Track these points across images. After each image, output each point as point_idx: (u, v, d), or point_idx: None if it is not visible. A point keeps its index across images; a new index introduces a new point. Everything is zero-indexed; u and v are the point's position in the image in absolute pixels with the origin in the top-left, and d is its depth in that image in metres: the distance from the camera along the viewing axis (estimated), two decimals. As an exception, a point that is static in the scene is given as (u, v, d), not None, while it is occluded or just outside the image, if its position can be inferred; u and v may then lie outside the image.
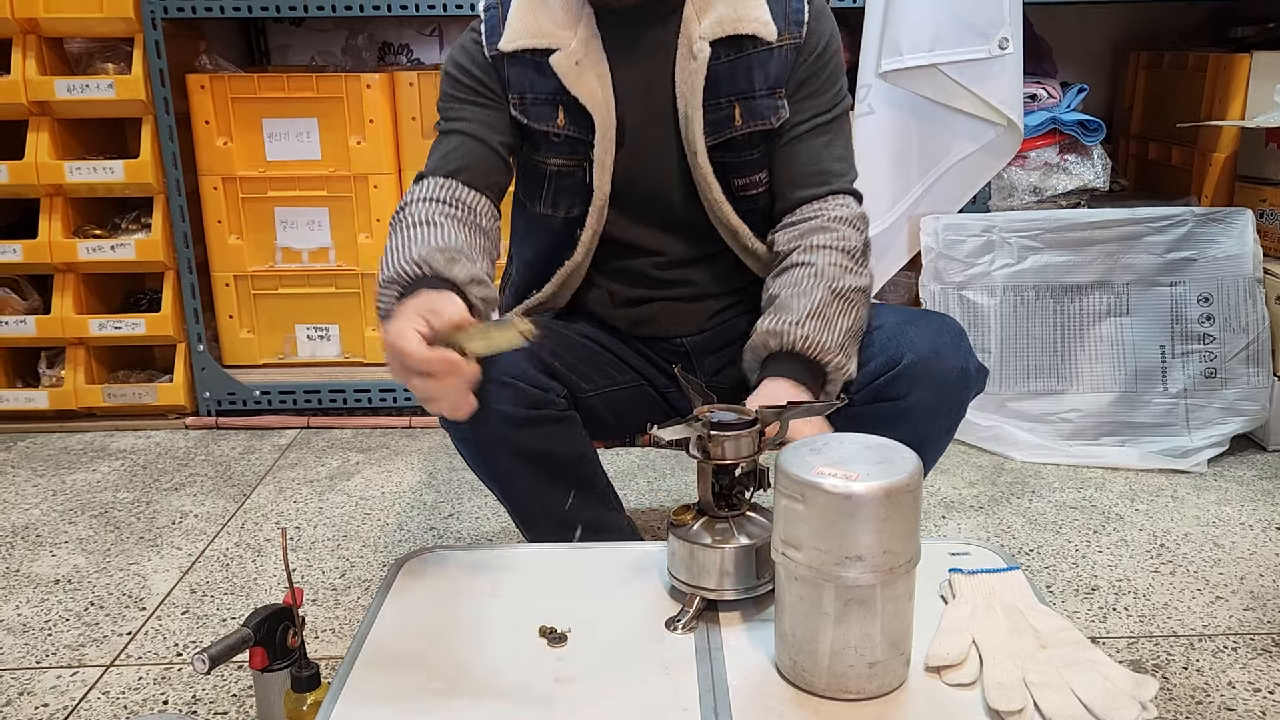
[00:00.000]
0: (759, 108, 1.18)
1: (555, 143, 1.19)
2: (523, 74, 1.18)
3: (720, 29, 1.17)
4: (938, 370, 1.12)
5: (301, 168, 2.17)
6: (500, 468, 1.18)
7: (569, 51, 1.16)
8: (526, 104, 1.18)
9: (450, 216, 1.12)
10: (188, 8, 2.02)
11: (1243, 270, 1.95)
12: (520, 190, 1.27)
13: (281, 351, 2.29)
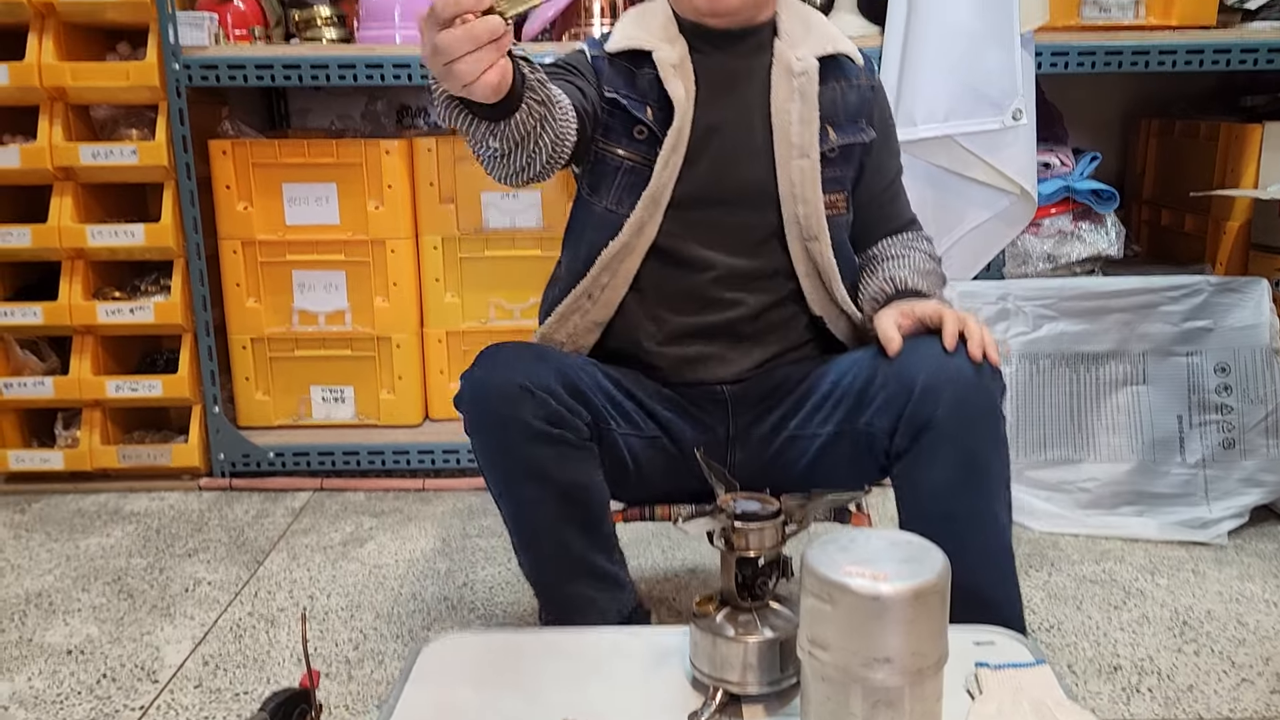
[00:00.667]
0: (848, 128, 1.30)
1: (637, 139, 1.24)
2: (617, 75, 1.26)
3: (820, 48, 1.29)
4: (951, 375, 1.12)
5: (320, 232, 2.19)
6: (512, 478, 1.15)
7: (669, 53, 1.25)
8: (620, 95, 1.25)
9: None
10: (212, 77, 2.05)
11: (1260, 340, 1.95)
12: (585, 186, 1.29)
13: (296, 413, 2.29)
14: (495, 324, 2.27)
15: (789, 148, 1.26)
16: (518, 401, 1.09)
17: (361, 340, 2.24)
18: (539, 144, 1.08)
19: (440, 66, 0.90)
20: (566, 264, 1.32)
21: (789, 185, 1.26)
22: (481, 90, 0.92)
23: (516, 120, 1.02)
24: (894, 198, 1.40)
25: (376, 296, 2.22)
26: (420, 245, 2.23)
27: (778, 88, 1.27)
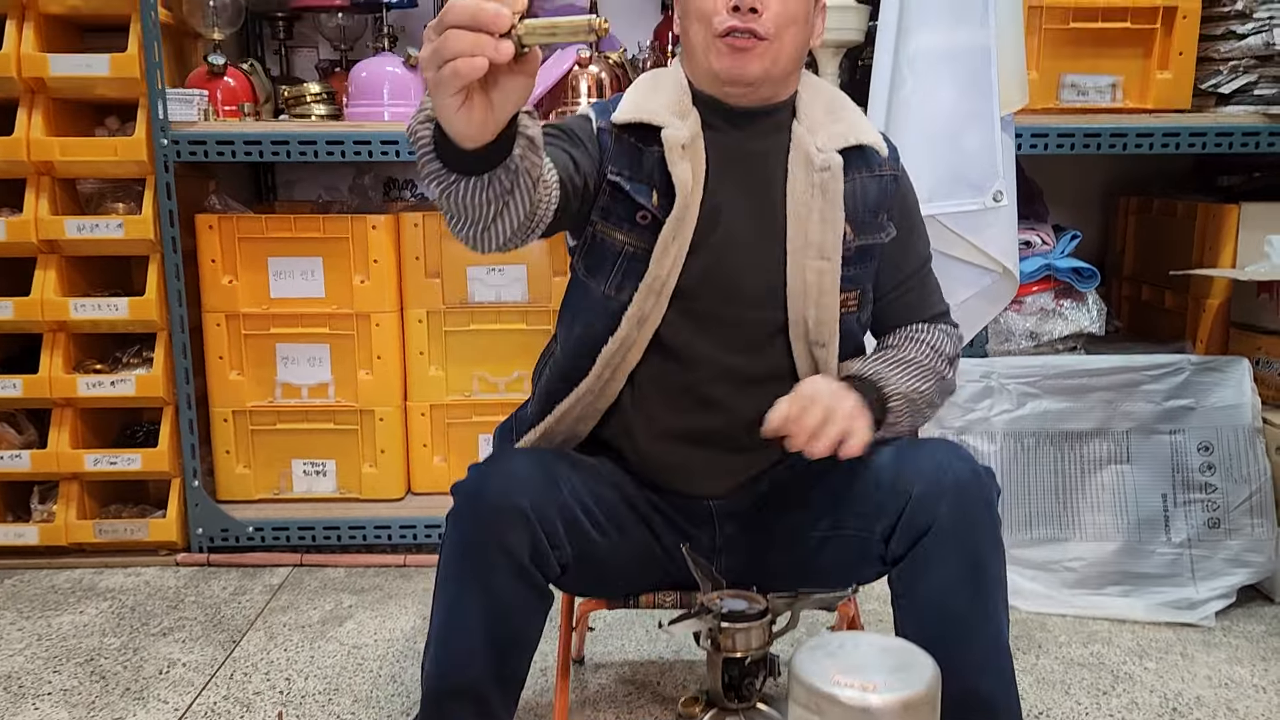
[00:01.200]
0: (866, 225, 1.25)
1: (640, 224, 1.20)
2: (625, 151, 1.21)
3: (842, 140, 1.23)
4: (949, 481, 1.11)
5: (305, 305, 2.19)
6: (467, 586, 1.10)
7: (678, 133, 1.19)
8: (624, 178, 1.20)
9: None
10: (200, 152, 2.06)
11: (1242, 420, 1.96)
12: (583, 266, 1.25)
13: (277, 487, 2.27)
14: (479, 397, 2.26)
15: (806, 246, 1.20)
16: (510, 527, 1.06)
17: (344, 413, 2.23)
18: (510, 211, 1.00)
19: (436, 69, 0.83)
20: (562, 344, 1.28)
21: (801, 285, 1.20)
22: (469, 122, 0.86)
23: (494, 178, 0.95)
24: (916, 289, 1.33)
25: (360, 370, 2.21)
26: (405, 319, 2.23)
27: (796, 178, 1.22)
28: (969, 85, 1.89)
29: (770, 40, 1.17)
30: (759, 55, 1.17)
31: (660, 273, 1.18)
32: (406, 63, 2.13)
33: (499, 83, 0.85)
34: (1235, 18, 2.07)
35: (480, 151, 0.91)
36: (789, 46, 1.20)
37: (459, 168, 0.94)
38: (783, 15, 1.17)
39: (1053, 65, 2.07)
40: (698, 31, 1.20)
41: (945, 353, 1.29)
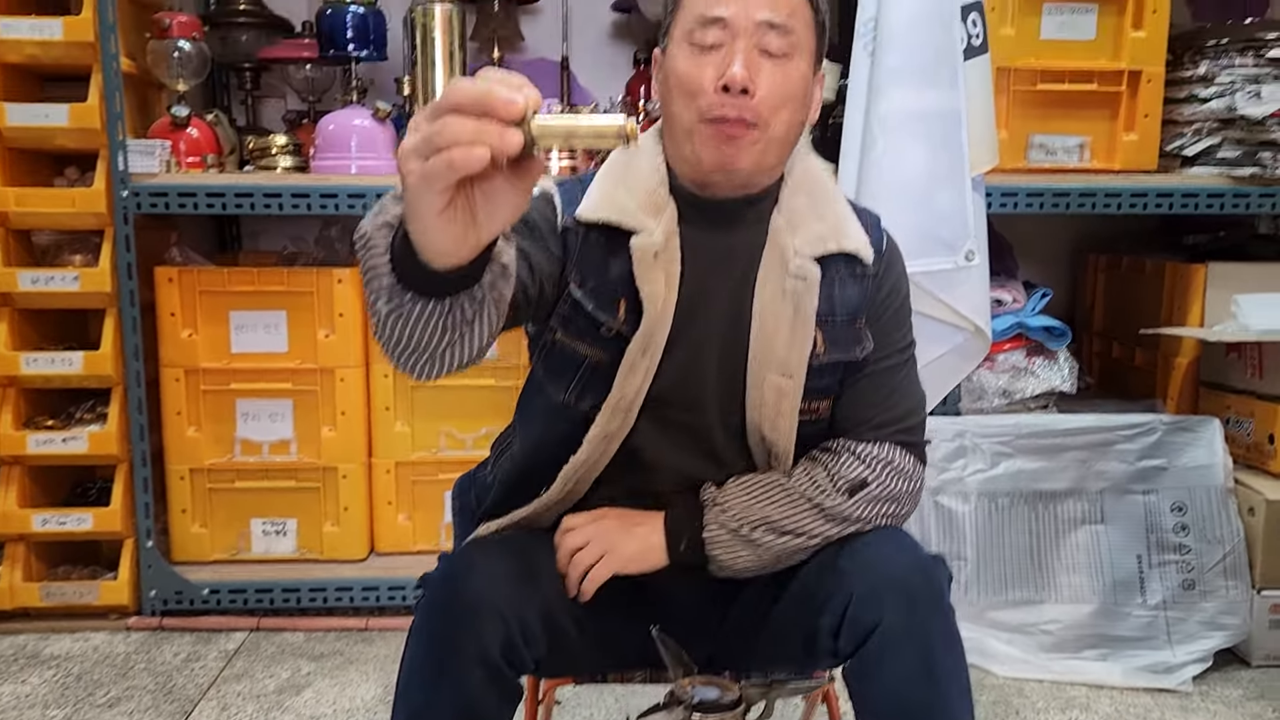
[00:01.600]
0: (841, 337, 1.12)
1: (605, 337, 1.09)
2: (591, 254, 1.09)
3: (821, 245, 1.11)
4: (894, 577, 1.03)
5: (267, 360, 2.13)
6: (431, 685, 1.02)
7: (650, 239, 1.08)
8: (588, 289, 1.09)
9: None
10: (161, 204, 2.02)
11: (1214, 480, 1.95)
12: (542, 371, 1.15)
13: (235, 547, 2.19)
14: (446, 454, 2.21)
15: (769, 360, 1.09)
16: (484, 628, 0.98)
17: (306, 471, 2.17)
18: (465, 343, 0.88)
19: (423, 159, 0.70)
20: (521, 441, 1.21)
21: (759, 399, 1.10)
22: (446, 234, 0.74)
23: (456, 305, 0.83)
24: (868, 381, 1.15)
25: (324, 426, 2.16)
26: (371, 373, 2.18)
27: (766, 281, 1.10)
28: (940, 146, 1.89)
29: (763, 126, 1.05)
30: (750, 144, 1.05)
31: (627, 392, 1.09)
32: (375, 115, 2.10)
33: (491, 190, 0.73)
34: (1198, 82, 2.09)
35: (448, 272, 0.80)
36: (784, 130, 1.08)
37: (418, 286, 0.82)
38: (779, 95, 1.05)
39: (1021, 126, 2.09)
40: (682, 112, 1.07)
41: (838, 475, 1.11)
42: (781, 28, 1.05)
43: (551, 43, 2.51)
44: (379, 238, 0.84)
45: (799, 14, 1.07)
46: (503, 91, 0.68)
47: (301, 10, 2.46)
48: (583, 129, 0.70)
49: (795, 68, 1.07)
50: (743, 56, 1.04)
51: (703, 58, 1.06)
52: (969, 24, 1.89)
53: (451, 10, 2.09)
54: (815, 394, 1.13)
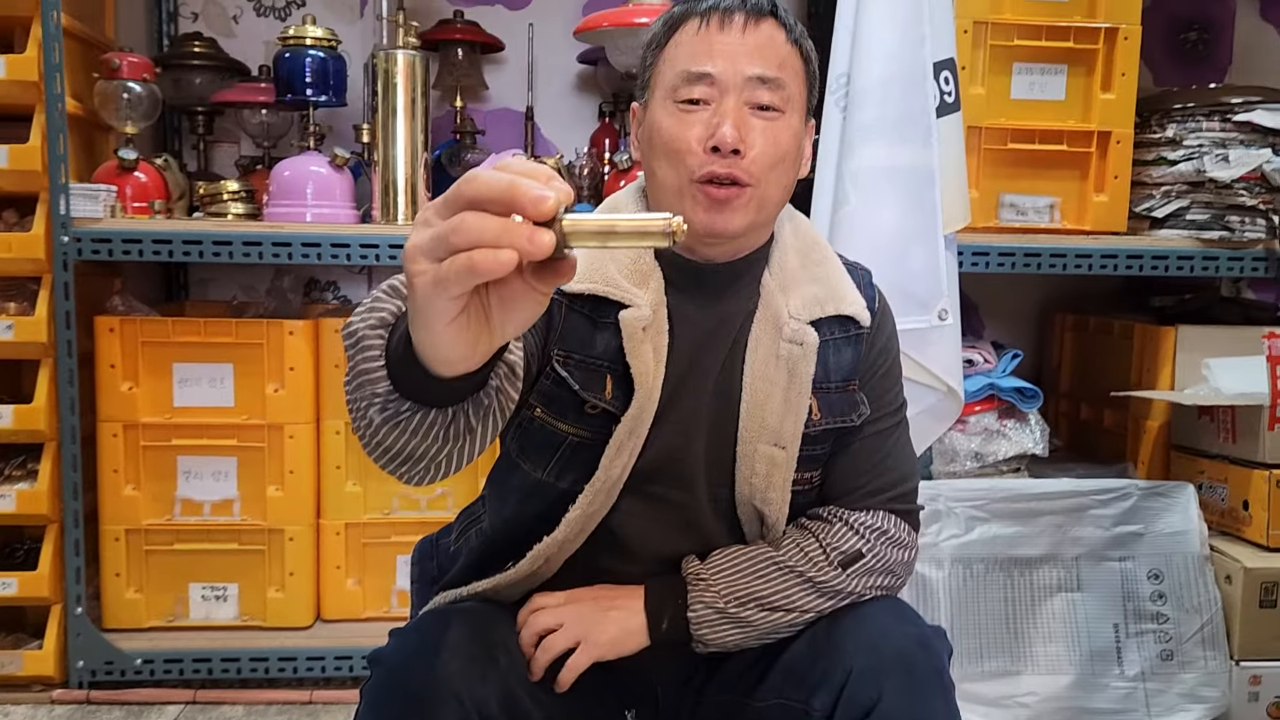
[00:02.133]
0: (837, 403, 1.06)
1: (589, 414, 1.02)
2: (577, 328, 1.02)
3: (818, 308, 1.04)
4: (893, 653, 0.97)
5: (211, 415, 2.03)
6: None
7: (639, 313, 1.01)
8: (573, 365, 1.02)
9: None
10: (104, 250, 1.92)
11: (1191, 547, 1.91)
12: (516, 448, 1.08)
13: (172, 613, 2.07)
14: (400, 515, 2.11)
15: (761, 430, 1.03)
16: (437, 711, 0.89)
17: (250, 533, 2.06)
18: (465, 450, 0.81)
19: (436, 260, 0.61)
20: (492, 519, 1.14)
21: (749, 473, 1.04)
22: (457, 341, 0.65)
23: (459, 413, 0.76)
24: (868, 452, 1.09)
25: (270, 485, 2.05)
26: (321, 430, 2.08)
27: (759, 345, 1.04)
28: (913, 203, 1.86)
29: (756, 185, 0.99)
30: (743, 206, 0.99)
31: (612, 473, 1.02)
32: (333, 162, 2.03)
33: (509, 294, 0.64)
34: (1166, 144, 2.09)
35: (453, 380, 0.72)
36: (776, 190, 1.02)
37: (418, 395, 0.75)
38: (771, 154, 0.99)
39: (992, 185, 2.07)
40: (667, 173, 1.01)
41: (832, 547, 1.05)
42: (773, 82, 1.00)
43: (515, 93, 2.47)
44: (373, 339, 0.76)
45: (789, 66, 1.02)
46: (532, 186, 0.59)
47: (259, 54, 2.40)
48: (622, 227, 0.61)
49: (787, 124, 1.02)
50: (733, 115, 0.98)
51: (689, 115, 1.00)
52: (941, 81, 1.87)
53: (415, 57, 2.03)
54: (809, 463, 1.07)
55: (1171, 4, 2.58)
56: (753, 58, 1.00)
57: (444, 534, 1.26)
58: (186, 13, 2.44)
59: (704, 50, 1.00)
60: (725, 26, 1.00)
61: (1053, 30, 2.01)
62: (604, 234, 0.61)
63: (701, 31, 1.01)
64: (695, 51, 1.01)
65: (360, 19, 2.45)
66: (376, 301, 0.79)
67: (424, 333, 0.66)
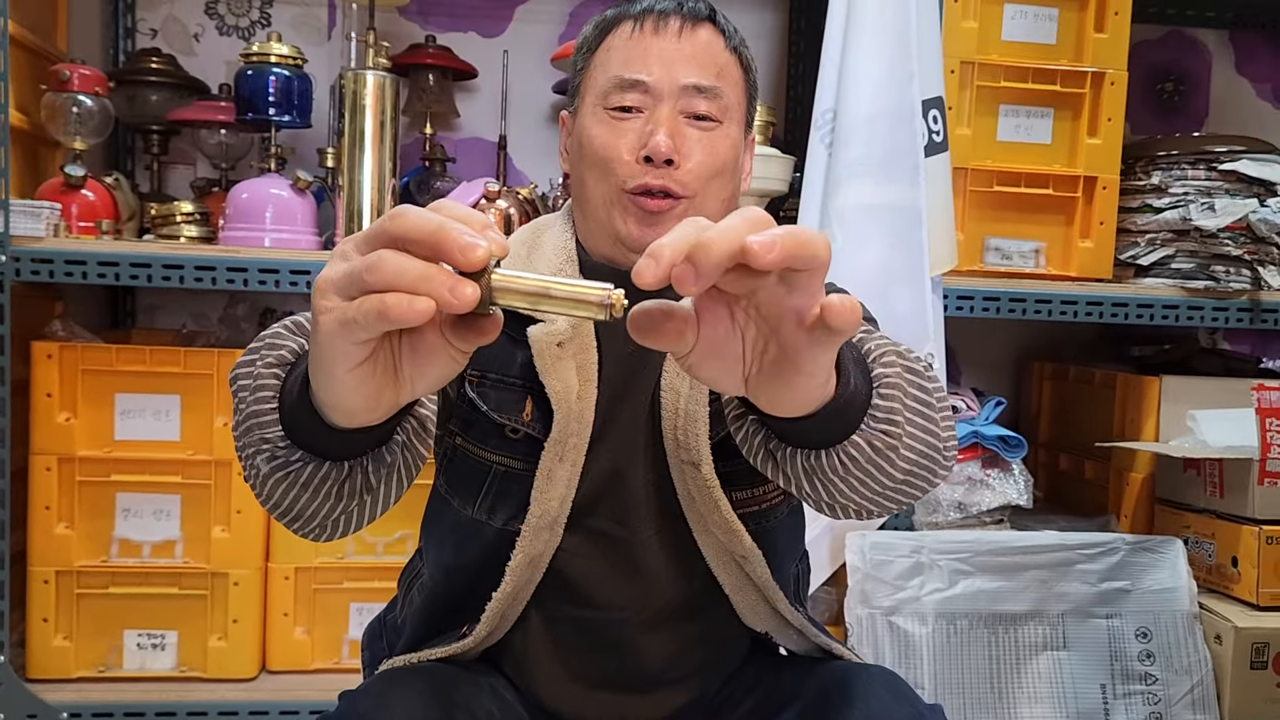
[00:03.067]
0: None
1: (512, 439, 0.94)
2: (490, 345, 0.93)
3: None
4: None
5: (155, 449, 1.90)
6: None
7: (552, 327, 0.93)
8: (487, 385, 0.94)
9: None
10: (45, 272, 1.80)
11: (1180, 605, 1.85)
12: (444, 483, 1.00)
13: (104, 663, 1.92)
14: (354, 560, 1.99)
15: (675, 445, 0.95)
16: None
17: (192, 576, 1.92)
18: (363, 511, 0.74)
19: (347, 298, 0.55)
20: (431, 570, 1.04)
21: (685, 495, 0.96)
22: (358, 391, 0.58)
23: (356, 469, 0.69)
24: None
25: (216, 525, 1.92)
26: (273, 468, 1.96)
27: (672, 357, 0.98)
28: (899, 243, 1.81)
29: (691, 198, 0.93)
30: (676, 219, 0.89)
31: (549, 507, 0.93)
32: (295, 186, 1.94)
33: (423, 346, 0.58)
34: (1151, 192, 2.06)
35: (352, 432, 0.65)
36: (714, 203, 0.96)
37: (312, 445, 0.68)
38: (708, 165, 0.94)
39: (977, 228, 2.02)
40: (597, 184, 0.95)
41: (917, 360, 0.87)
42: (710, 91, 0.94)
43: (488, 121, 2.39)
44: (267, 377, 0.68)
45: (728, 75, 0.96)
46: (463, 232, 0.53)
47: (219, 73, 2.30)
48: (557, 292, 0.56)
49: (725, 134, 0.95)
50: (667, 124, 0.92)
51: (620, 124, 0.94)
52: (929, 120, 1.83)
53: (385, 80, 1.95)
54: (750, 477, 0.95)
55: (1148, 55, 2.58)
56: (689, 64, 0.94)
57: (389, 610, 1.16)
58: (145, 29, 2.34)
59: (638, 55, 0.94)
60: (660, 31, 0.94)
61: (1040, 73, 1.98)
62: (536, 296, 0.56)
63: (635, 35, 0.95)
64: (629, 57, 0.94)
65: (328, 41, 2.37)
66: (276, 337, 0.71)
67: (323, 377, 0.59)
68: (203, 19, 2.35)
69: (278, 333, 0.72)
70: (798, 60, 2.43)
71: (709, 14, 0.97)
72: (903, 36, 1.79)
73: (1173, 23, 2.59)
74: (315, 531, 0.76)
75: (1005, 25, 1.99)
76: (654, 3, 0.96)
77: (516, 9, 2.42)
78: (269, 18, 2.36)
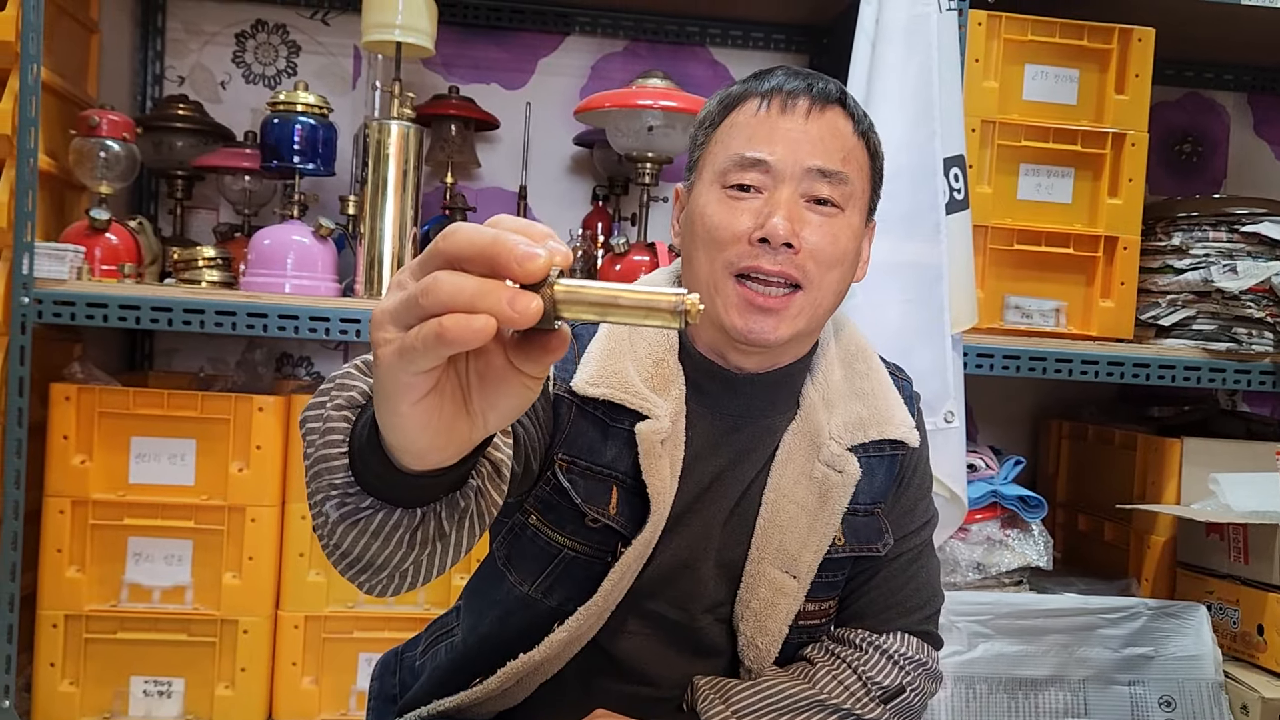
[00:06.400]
0: (863, 529, 0.96)
1: (590, 527, 0.92)
2: (585, 432, 0.91)
3: (862, 433, 0.93)
4: None
5: (168, 493, 1.89)
6: None
7: (657, 425, 0.90)
8: (576, 473, 0.91)
9: None
10: (67, 314, 1.81)
11: (1205, 673, 1.81)
12: (504, 556, 0.97)
13: (109, 709, 1.90)
14: (365, 609, 1.96)
15: (775, 552, 0.94)
16: None
17: (201, 623, 1.90)
18: (435, 560, 0.70)
19: (404, 328, 0.51)
20: (465, 635, 1.02)
21: (750, 595, 0.95)
22: (427, 427, 0.55)
23: (429, 515, 0.66)
24: (886, 582, 1.00)
25: (227, 571, 1.91)
26: (286, 514, 1.95)
27: (789, 462, 0.93)
28: (920, 300, 1.80)
29: (808, 289, 0.89)
30: (791, 315, 0.88)
31: (612, 598, 0.92)
32: (316, 232, 1.95)
33: (491, 373, 0.54)
34: (1172, 253, 2.06)
35: (424, 474, 0.61)
36: (830, 295, 0.91)
37: (382, 491, 0.64)
38: (827, 253, 0.89)
39: (997, 286, 2.02)
40: (706, 263, 0.90)
41: (873, 681, 0.96)
42: (835, 176, 0.90)
43: (509, 172, 2.41)
44: (337, 420, 0.65)
45: (854, 159, 0.92)
46: (519, 242, 0.50)
47: (244, 121, 2.33)
48: (626, 300, 0.51)
49: (847, 222, 0.91)
50: (786, 207, 0.88)
51: (737, 203, 0.89)
52: (951, 178, 1.84)
53: (409, 129, 1.97)
54: (824, 590, 0.96)
55: (1166, 116, 2.59)
56: (815, 147, 0.90)
57: (410, 646, 1.14)
58: (173, 76, 2.37)
59: (763, 134, 0.90)
60: (787, 110, 0.91)
61: (1060, 133, 1.99)
62: (604, 305, 0.51)
63: (761, 114, 0.91)
64: (753, 134, 0.91)
65: (353, 90, 2.40)
66: (347, 378, 0.68)
67: (389, 414, 0.55)
68: (230, 67, 2.38)
69: (348, 373, 0.68)
70: (817, 116, 2.44)
71: (839, 96, 0.93)
72: (924, 94, 1.80)
73: (1191, 85, 2.60)
74: (384, 583, 0.71)
75: (1026, 85, 2.00)
76: (783, 81, 0.92)
77: (539, 62, 2.44)
78: (295, 67, 2.39)
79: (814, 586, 0.96)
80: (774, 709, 0.93)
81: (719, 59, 2.49)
